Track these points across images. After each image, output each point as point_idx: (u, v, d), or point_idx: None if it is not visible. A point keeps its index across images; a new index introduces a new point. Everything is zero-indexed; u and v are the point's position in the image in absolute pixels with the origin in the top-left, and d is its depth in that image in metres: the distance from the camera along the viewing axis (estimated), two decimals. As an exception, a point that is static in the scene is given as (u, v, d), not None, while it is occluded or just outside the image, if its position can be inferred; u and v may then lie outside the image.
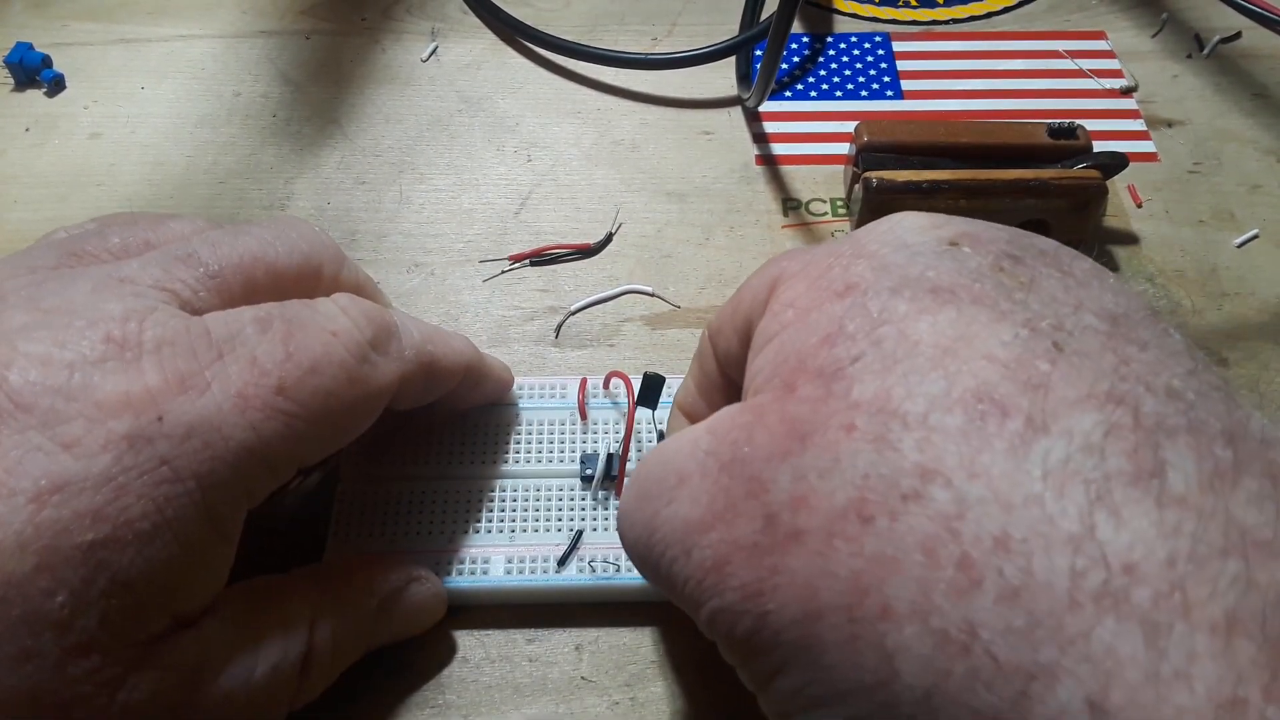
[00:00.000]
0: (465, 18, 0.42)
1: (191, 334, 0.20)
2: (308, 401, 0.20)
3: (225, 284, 0.22)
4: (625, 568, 0.26)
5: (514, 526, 0.27)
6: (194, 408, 0.19)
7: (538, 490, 0.27)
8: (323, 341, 0.21)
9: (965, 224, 0.19)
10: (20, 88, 0.39)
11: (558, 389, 0.29)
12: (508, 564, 0.26)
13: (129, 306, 0.20)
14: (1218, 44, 0.41)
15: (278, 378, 0.20)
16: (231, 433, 0.19)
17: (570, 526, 0.27)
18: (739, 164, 0.37)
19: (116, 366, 0.19)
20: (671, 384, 0.28)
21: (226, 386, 0.19)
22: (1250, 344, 0.32)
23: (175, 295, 0.21)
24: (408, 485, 0.27)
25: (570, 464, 0.28)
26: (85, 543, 0.18)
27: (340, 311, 0.22)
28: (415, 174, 0.37)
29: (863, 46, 0.42)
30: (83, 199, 0.36)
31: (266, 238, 0.23)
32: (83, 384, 0.19)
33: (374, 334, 0.22)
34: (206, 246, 0.22)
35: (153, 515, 0.18)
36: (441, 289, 0.33)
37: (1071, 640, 0.13)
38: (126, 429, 0.18)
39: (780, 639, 0.15)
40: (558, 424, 0.29)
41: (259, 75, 0.40)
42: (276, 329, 0.21)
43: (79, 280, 0.21)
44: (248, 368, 0.20)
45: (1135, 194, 0.36)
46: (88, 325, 0.19)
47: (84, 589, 0.18)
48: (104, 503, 0.18)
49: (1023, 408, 0.15)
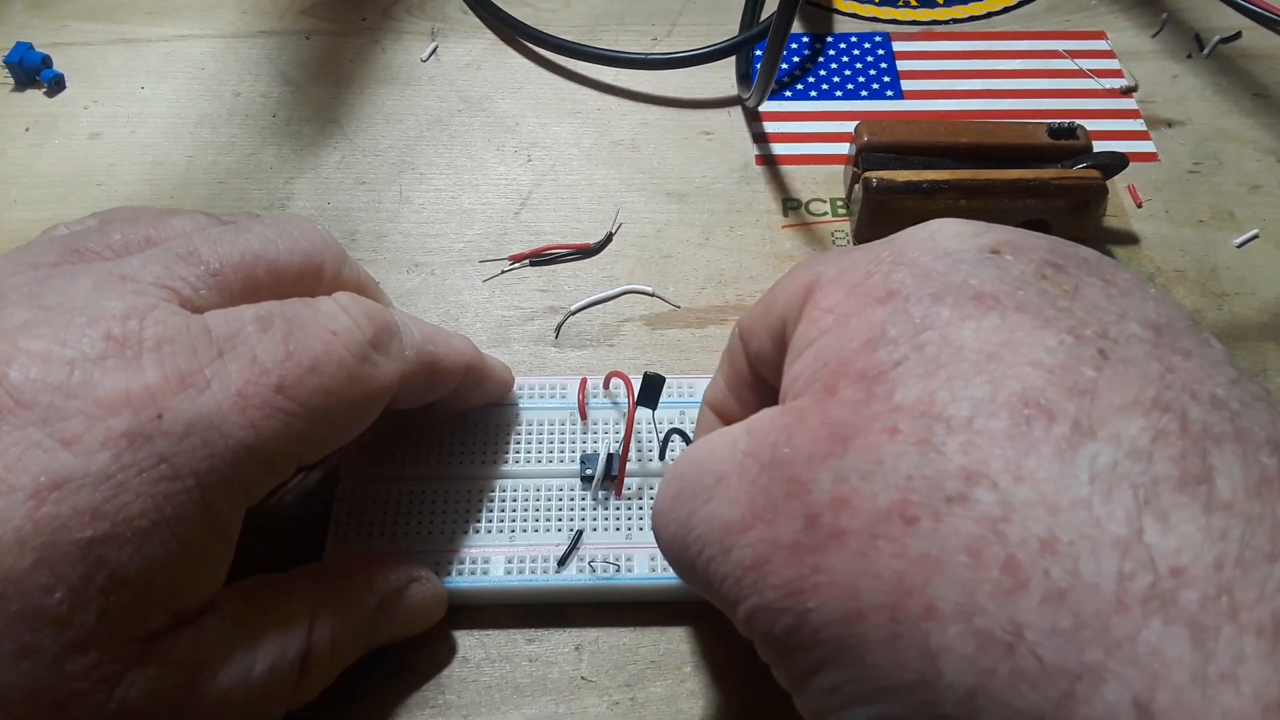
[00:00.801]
0: (465, 18, 0.42)
1: (192, 332, 0.20)
2: (307, 400, 0.20)
3: (226, 282, 0.22)
4: (625, 568, 0.26)
5: (514, 526, 0.27)
6: (194, 405, 0.19)
7: (538, 490, 0.27)
8: (323, 340, 0.21)
9: (1006, 232, 0.19)
10: (20, 87, 0.39)
11: (558, 389, 0.29)
12: (508, 564, 0.26)
13: (130, 304, 0.20)
14: (1218, 44, 0.41)
15: (278, 376, 0.20)
16: (231, 431, 0.19)
17: (570, 527, 0.27)
18: (739, 164, 0.37)
19: (117, 364, 0.19)
20: (671, 384, 0.28)
21: (226, 385, 0.20)
22: (1250, 344, 0.32)
23: (176, 293, 0.21)
24: (408, 485, 0.27)
25: (570, 464, 0.28)
26: (84, 539, 0.18)
27: (341, 310, 0.22)
28: (415, 174, 0.37)
29: (863, 46, 0.42)
30: (82, 199, 0.36)
31: (268, 236, 0.23)
32: (83, 381, 0.19)
33: (375, 333, 0.22)
34: (208, 244, 0.22)
35: (151, 513, 0.18)
36: (441, 289, 0.33)
37: (1118, 642, 0.13)
38: (126, 426, 0.18)
39: (820, 637, 0.16)
40: (558, 424, 0.29)
41: (259, 75, 0.40)
42: (277, 327, 0.21)
43: (80, 277, 0.21)
44: (248, 366, 0.20)
45: (1135, 194, 0.36)
46: (88, 323, 0.19)
47: (83, 585, 0.18)
48: (103, 500, 0.18)
49: (1069, 413, 0.15)
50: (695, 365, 0.31)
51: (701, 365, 0.31)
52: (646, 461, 0.28)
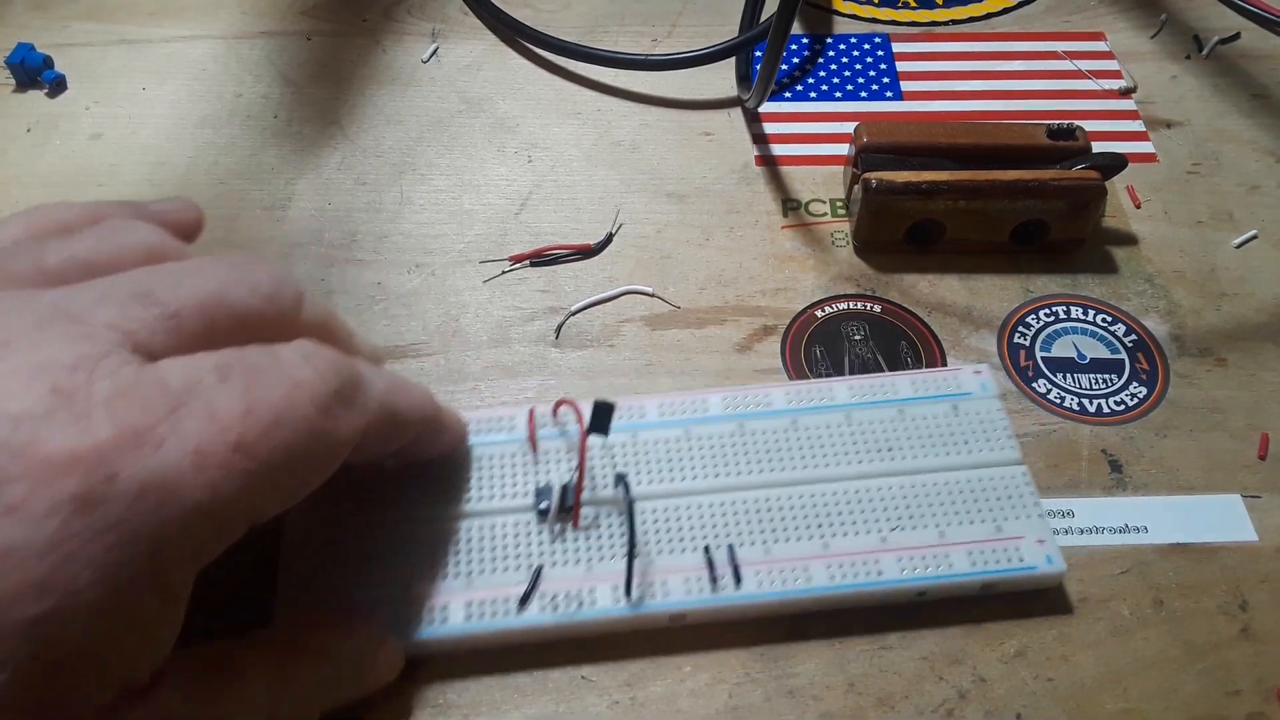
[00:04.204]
0: (466, 19, 0.43)
1: (146, 384, 0.18)
2: (267, 458, 0.19)
3: (183, 326, 0.20)
4: (589, 601, 0.25)
5: (471, 569, 0.25)
6: (148, 465, 0.18)
7: (493, 529, 0.26)
8: (285, 393, 0.20)
9: None
10: (21, 88, 0.39)
11: (506, 421, 0.28)
12: (467, 609, 0.25)
13: (80, 352, 0.18)
14: (1216, 44, 0.41)
15: (238, 433, 0.19)
16: (187, 492, 0.18)
17: (529, 564, 0.26)
18: (739, 164, 0.37)
19: (66, 419, 0.17)
20: (623, 408, 0.27)
21: (183, 442, 0.18)
22: (1249, 344, 0.32)
23: (130, 337, 0.19)
24: (355, 534, 0.26)
25: (524, 499, 0.27)
26: (29, 617, 0.16)
27: (304, 360, 0.21)
28: (416, 175, 0.37)
29: (862, 47, 0.42)
30: (84, 200, 0.36)
31: (229, 277, 0.21)
32: (28, 440, 0.17)
33: (339, 385, 0.21)
34: (166, 284, 0.20)
35: (102, 583, 0.17)
36: (442, 289, 0.34)
37: None
38: (74, 489, 0.17)
39: None
40: (509, 457, 0.27)
41: (260, 76, 0.40)
42: (237, 379, 0.19)
43: (22, 311, 0.19)
44: (206, 421, 0.18)
45: (1134, 195, 0.36)
46: (33, 373, 0.18)
47: (28, 665, 0.16)
48: (49, 572, 0.17)
49: None
50: (695, 365, 0.32)
51: (701, 365, 0.32)
52: (600, 489, 0.27)
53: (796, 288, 0.34)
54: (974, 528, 0.26)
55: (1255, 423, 0.30)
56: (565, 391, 0.31)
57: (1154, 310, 0.33)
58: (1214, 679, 0.25)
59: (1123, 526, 0.28)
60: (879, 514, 0.26)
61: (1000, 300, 0.33)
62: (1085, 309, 0.33)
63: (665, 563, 0.26)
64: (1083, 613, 0.26)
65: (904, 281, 0.34)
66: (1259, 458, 0.29)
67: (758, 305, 0.33)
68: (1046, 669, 0.25)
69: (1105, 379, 0.31)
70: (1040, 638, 0.26)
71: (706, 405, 0.29)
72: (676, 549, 0.26)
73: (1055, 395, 0.31)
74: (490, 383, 0.31)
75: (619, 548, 0.26)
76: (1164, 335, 0.32)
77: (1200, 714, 0.25)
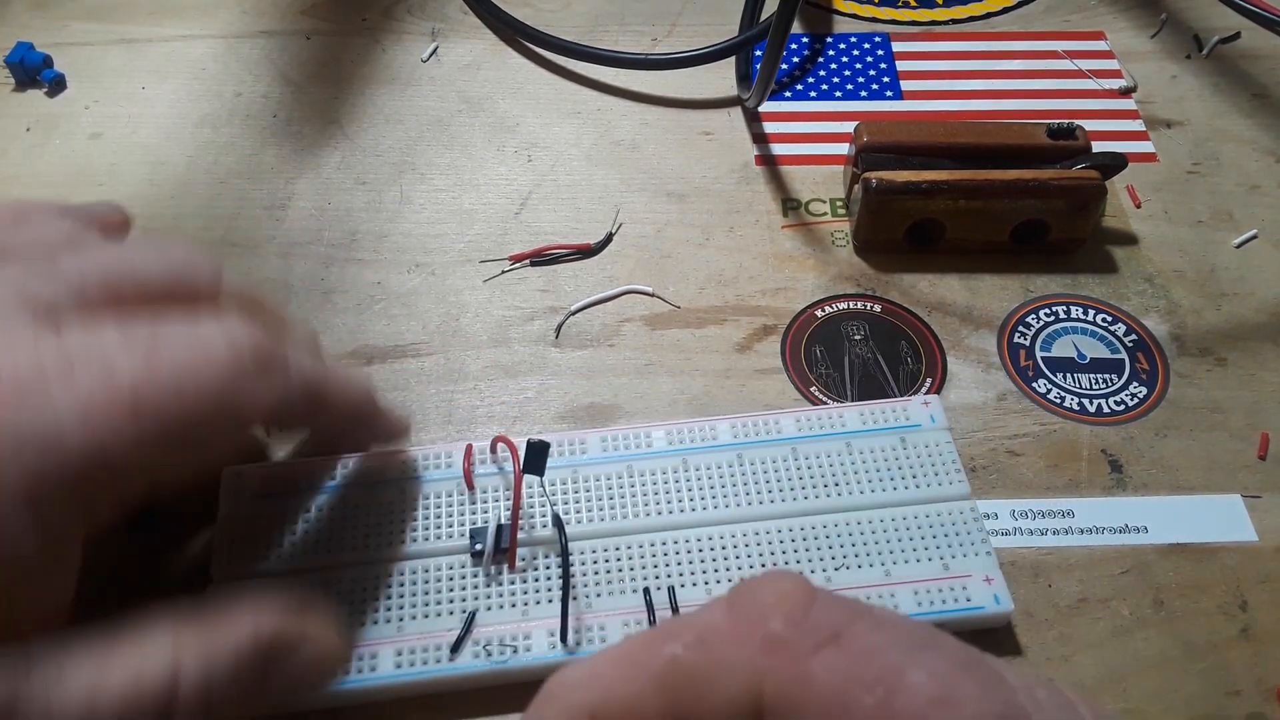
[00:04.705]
0: (466, 18, 0.43)
1: (40, 344, 0.19)
2: (162, 420, 0.19)
3: (88, 294, 0.21)
4: (524, 647, 0.24)
5: (401, 614, 0.24)
6: (30, 419, 0.18)
7: (425, 571, 0.25)
8: (189, 358, 0.20)
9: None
10: (21, 88, 0.39)
11: (442, 458, 0.27)
12: (397, 657, 0.24)
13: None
14: (1217, 44, 0.41)
15: (131, 389, 0.19)
16: (72, 446, 0.18)
17: (463, 609, 0.25)
18: (739, 164, 0.37)
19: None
20: (559, 445, 0.27)
21: (73, 397, 0.18)
22: (1249, 344, 0.32)
23: (31, 302, 0.20)
24: (279, 580, 0.25)
25: (459, 539, 0.26)
26: None
27: (221, 330, 0.21)
28: (416, 174, 0.37)
29: (862, 47, 0.42)
30: (83, 199, 0.35)
31: (139, 251, 0.22)
32: None
33: (253, 356, 0.21)
34: (71, 256, 0.21)
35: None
36: (442, 289, 0.34)
37: None
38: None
39: None
40: (444, 495, 0.26)
41: (260, 75, 0.40)
42: (140, 341, 0.20)
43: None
44: (100, 378, 0.19)
45: (1134, 194, 0.36)
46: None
47: None
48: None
49: None
50: (695, 365, 0.32)
51: (701, 365, 0.32)
52: (539, 529, 0.26)
53: (796, 287, 0.34)
54: (920, 566, 0.25)
55: (1255, 423, 0.30)
56: (565, 391, 0.31)
57: (1154, 310, 0.33)
58: (1214, 679, 0.25)
59: (1123, 526, 0.28)
60: (824, 552, 0.26)
61: (1000, 300, 0.33)
62: (1085, 309, 0.33)
63: (604, 605, 0.25)
64: (1083, 613, 0.26)
65: (904, 281, 0.34)
66: (1259, 458, 0.29)
67: (758, 305, 0.33)
68: (1046, 669, 0.25)
69: (1105, 379, 0.31)
70: (1040, 638, 0.26)
71: (650, 440, 0.28)
72: (616, 590, 0.25)
73: (1055, 395, 0.31)
74: (490, 382, 0.31)
75: (556, 590, 0.25)
76: (1164, 335, 0.32)
77: (1200, 714, 0.25)
